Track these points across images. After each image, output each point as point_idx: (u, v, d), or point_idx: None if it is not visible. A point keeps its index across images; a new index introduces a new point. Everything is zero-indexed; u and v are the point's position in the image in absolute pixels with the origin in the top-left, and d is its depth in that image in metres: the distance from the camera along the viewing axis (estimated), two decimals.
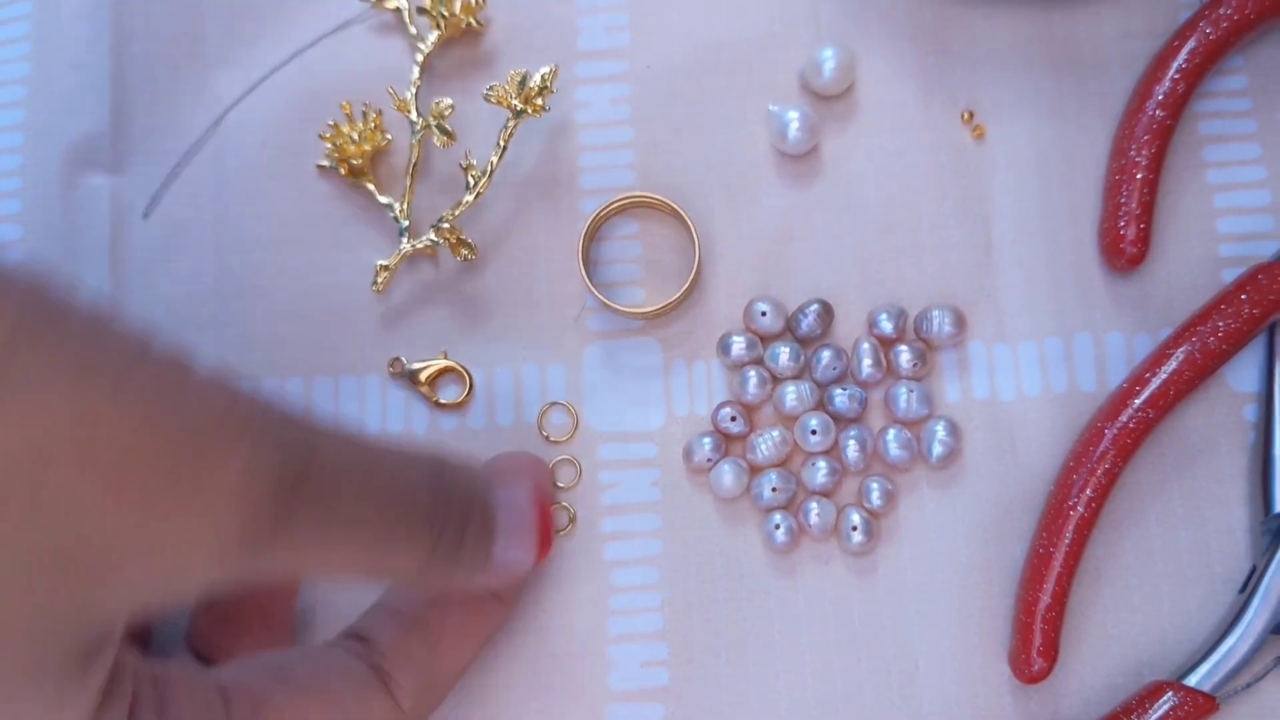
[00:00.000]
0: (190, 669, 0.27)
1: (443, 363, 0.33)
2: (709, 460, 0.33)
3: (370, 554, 0.24)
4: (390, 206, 0.34)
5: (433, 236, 0.33)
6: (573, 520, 0.33)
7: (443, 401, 0.33)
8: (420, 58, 0.34)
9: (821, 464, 0.32)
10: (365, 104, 0.34)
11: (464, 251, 0.33)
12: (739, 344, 0.33)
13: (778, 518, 0.32)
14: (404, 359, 0.33)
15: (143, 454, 0.18)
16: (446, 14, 0.34)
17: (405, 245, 0.33)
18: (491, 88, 0.33)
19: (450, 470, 0.26)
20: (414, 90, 0.34)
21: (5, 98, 0.36)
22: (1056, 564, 0.31)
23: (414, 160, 0.34)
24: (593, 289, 0.33)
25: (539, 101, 0.33)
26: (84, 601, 0.19)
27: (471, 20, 0.35)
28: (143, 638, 0.30)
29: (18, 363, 0.16)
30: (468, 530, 0.26)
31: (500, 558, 0.27)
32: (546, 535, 0.29)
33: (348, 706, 0.27)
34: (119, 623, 0.21)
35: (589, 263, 0.34)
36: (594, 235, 0.34)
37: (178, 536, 0.19)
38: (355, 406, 0.34)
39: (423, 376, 0.33)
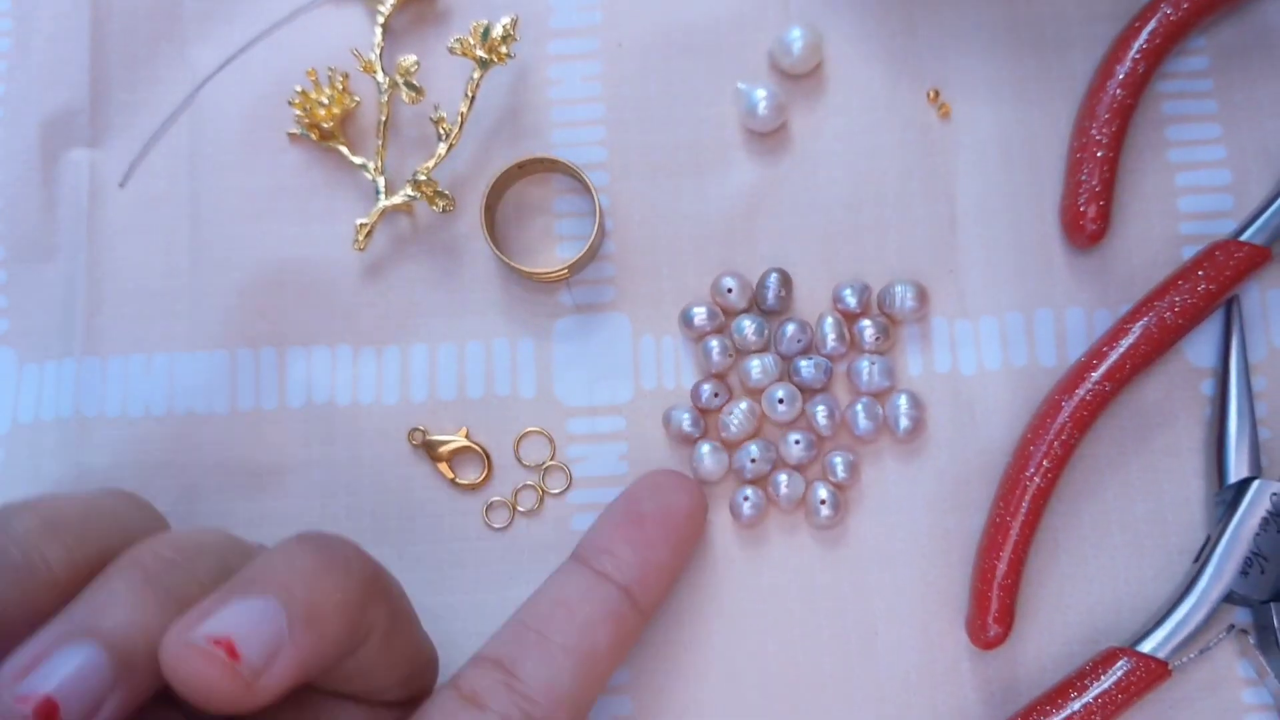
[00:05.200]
0: None
1: (463, 441, 0.33)
2: (688, 433, 0.33)
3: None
4: (364, 167, 0.35)
5: (410, 191, 0.34)
6: (542, 495, 0.34)
7: (460, 482, 0.34)
8: (381, 19, 0.35)
9: (797, 437, 0.33)
10: (331, 68, 0.35)
11: (442, 203, 0.34)
12: (700, 314, 0.33)
13: (747, 490, 0.33)
14: (424, 429, 0.34)
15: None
16: None
17: (383, 201, 0.34)
18: (456, 39, 0.33)
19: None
20: (378, 51, 0.35)
21: None
22: (1013, 533, 0.31)
23: (384, 119, 0.34)
24: (493, 247, 0.33)
25: (503, 50, 0.33)
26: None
27: None
28: None
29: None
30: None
31: None
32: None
33: None
34: None
35: (495, 221, 0.34)
36: (499, 195, 0.35)
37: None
38: (327, 377, 0.34)
39: (442, 451, 0.33)
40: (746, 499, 0.33)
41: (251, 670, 0.22)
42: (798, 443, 0.33)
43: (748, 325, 0.33)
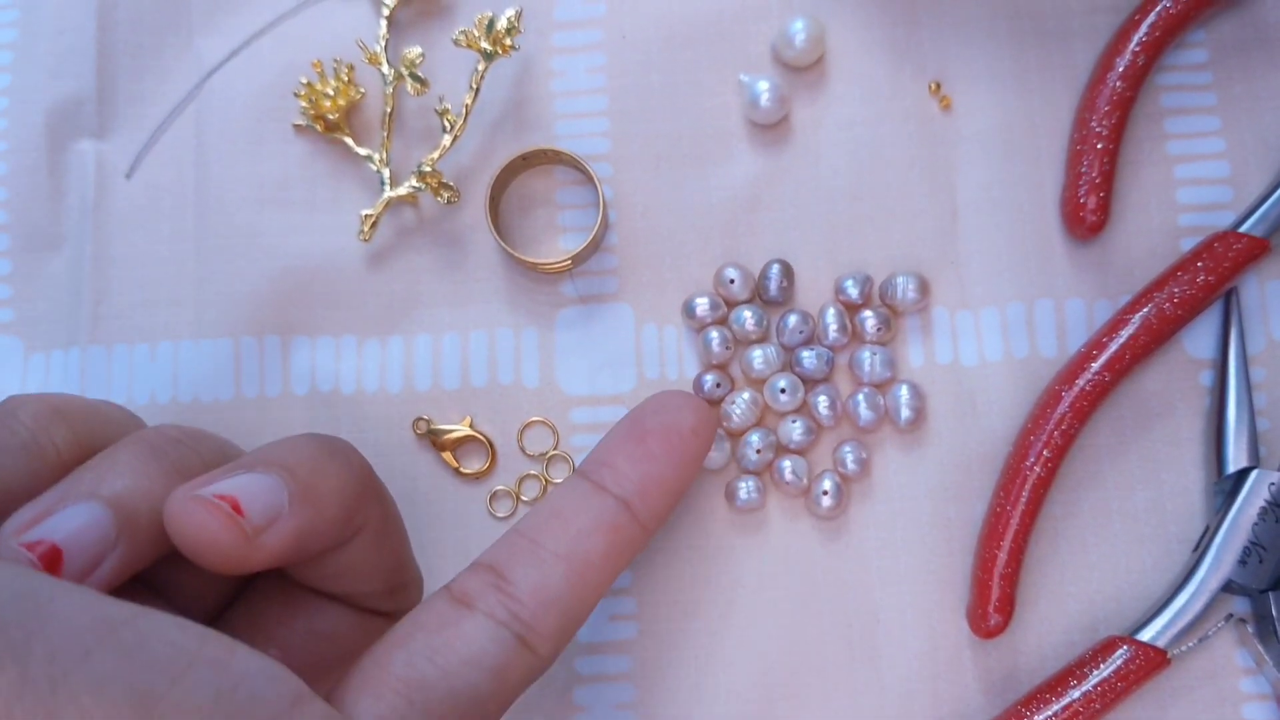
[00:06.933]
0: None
1: (466, 430, 0.34)
2: None
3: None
4: (370, 158, 0.35)
5: (415, 182, 0.34)
6: (545, 484, 0.34)
7: (464, 471, 0.34)
8: (386, 12, 0.35)
9: (797, 422, 0.33)
10: (336, 60, 0.35)
11: (446, 194, 0.34)
12: (703, 305, 0.34)
13: (748, 479, 0.33)
14: (429, 419, 0.34)
15: None
16: None
17: (388, 192, 0.34)
18: (461, 32, 0.33)
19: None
20: (383, 44, 0.35)
21: None
22: (1013, 523, 0.31)
23: (389, 110, 0.35)
24: (498, 238, 0.34)
25: (507, 42, 0.34)
26: None
27: None
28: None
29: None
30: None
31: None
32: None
33: (482, 691, 0.24)
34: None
35: (499, 212, 0.35)
36: (503, 187, 0.35)
37: None
38: (331, 366, 0.35)
39: (446, 440, 0.34)
40: (745, 485, 0.33)
41: (253, 527, 0.23)
42: (795, 422, 0.33)
43: (747, 315, 0.33)
